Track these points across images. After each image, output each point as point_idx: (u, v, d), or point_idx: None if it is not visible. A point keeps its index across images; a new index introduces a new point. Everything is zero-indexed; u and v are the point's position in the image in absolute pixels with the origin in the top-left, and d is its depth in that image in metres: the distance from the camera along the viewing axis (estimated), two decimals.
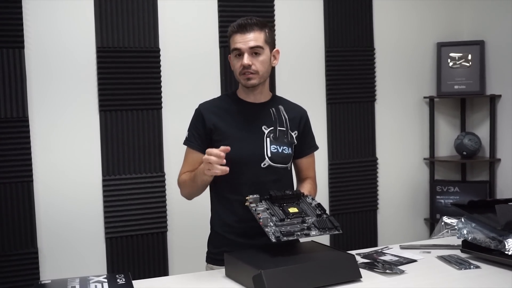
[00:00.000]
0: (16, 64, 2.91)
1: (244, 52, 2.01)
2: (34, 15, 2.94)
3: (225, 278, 1.84)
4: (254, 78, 2.03)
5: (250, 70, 2.01)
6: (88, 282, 1.70)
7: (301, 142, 2.17)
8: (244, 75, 2.03)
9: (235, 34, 2.03)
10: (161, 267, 3.20)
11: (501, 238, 1.88)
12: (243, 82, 2.06)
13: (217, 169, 1.85)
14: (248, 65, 2.01)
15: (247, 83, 2.04)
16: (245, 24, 2.02)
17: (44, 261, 3.00)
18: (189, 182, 2.08)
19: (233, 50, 2.04)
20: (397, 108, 3.73)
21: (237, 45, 2.02)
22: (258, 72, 2.03)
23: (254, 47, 2.01)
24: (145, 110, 3.14)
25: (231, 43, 2.05)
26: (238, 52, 2.03)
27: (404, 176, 3.78)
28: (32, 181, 2.97)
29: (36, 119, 2.97)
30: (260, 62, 2.03)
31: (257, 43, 2.01)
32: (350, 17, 3.56)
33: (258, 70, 2.03)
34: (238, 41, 2.01)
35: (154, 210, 3.17)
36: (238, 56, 2.04)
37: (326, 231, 1.82)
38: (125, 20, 3.09)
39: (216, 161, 1.85)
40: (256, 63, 2.02)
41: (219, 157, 1.85)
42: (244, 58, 2.01)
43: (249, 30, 2.01)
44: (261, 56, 2.03)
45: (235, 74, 2.09)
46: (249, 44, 2.00)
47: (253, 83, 2.04)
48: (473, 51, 3.70)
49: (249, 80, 2.03)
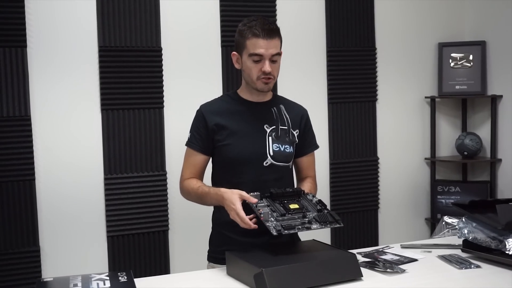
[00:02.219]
0: (18, 63, 2.91)
1: (266, 58, 2.00)
2: (36, 14, 2.95)
3: (226, 277, 1.84)
4: (270, 83, 2.05)
5: (269, 76, 2.02)
6: (90, 280, 1.70)
7: (302, 141, 2.18)
8: (263, 80, 2.02)
9: (259, 39, 1.98)
10: (163, 265, 3.21)
11: (501, 238, 1.88)
12: (259, 86, 2.05)
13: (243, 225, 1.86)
14: (269, 72, 2.01)
15: (264, 88, 2.05)
16: (270, 30, 2.00)
17: (46, 259, 3.01)
18: (195, 197, 2.08)
19: (252, 54, 2.00)
20: (398, 108, 3.74)
21: (259, 51, 1.99)
22: (274, 77, 2.05)
23: (275, 54, 2.01)
24: (147, 109, 3.15)
25: (250, 46, 2.00)
26: (258, 58, 2.00)
27: (405, 175, 3.79)
28: (34, 179, 2.97)
29: (38, 117, 2.98)
30: (277, 68, 2.05)
31: (277, 50, 2.02)
32: (351, 16, 3.56)
33: (275, 75, 2.05)
34: (261, 47, 1.98)
35: (155, 208, 3.18)
36: (256, 62, 2.01)
37: (327, 224, 1.83)
38: (127, 19, 3.09)
39: (241, 225, 1.86)
40: (274, 69, 2.03)
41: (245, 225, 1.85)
42: (266, 65, 1.99)
43: (272, 37, 2.00)
44: (278, 62, 2.05)
45: (248, 77, 2.05)
46: (272, 52, 2.00)
47: (269, 87, 2.06)
48: (475, 51, 3.70)
49: (266, 84, 2.04)
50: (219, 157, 2.11)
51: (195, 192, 2.06)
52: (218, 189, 1.97)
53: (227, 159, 2.08)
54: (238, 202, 1.86)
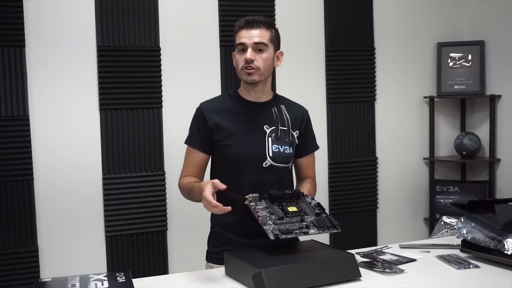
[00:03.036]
0: (17, 62, 2.91)
1: (248, 47, 2.02)
2: (35, 13, 2.94)
3: (225, 277, 1.84)
4: (255, 74, 2.04)
5: (252, 65, 2.02)
6: (88, 280, 1.70)
7: (302, 141, 2.17)
8: (246, 70, 2.03)
9: (241, 29, 2.04)
10: (161, 265, 3.20)
11: (500, 237, 1.88)
12: (244, 77, 2.06)
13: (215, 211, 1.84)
14: (250, 60, 2.01)
15: (247, 79, 2.05)
16: (252, 21, 2.04)
17: (44, 259, 3.01)
18: (186, 194, 2.08)
19: (237, 45, 2.05)
20: (397, 107, 3.74)
21: (241, 40, 2.03)
22: (259, 68, 2.04)
23: (258, 43, 2.03)
24: (146, 109, 3.15)
25: (237, 38, 2.06)
26: (242, 47, 2.04)
27: (404, 175, 3.79)
28: (33, 179, 2.97)
29: (37, 117, 2.98)
30: (263, 60, 2.04)
31: (261, 39, 2.03)
32: (350, 16, 3.56)
33: (260, 66, 2.04)
34: (244, 36, 2.03)
35: (154, 208, 3.18)
36: (242, 51, 2.04)
37: (324, 229, 1.83)
38: (126, 19, 3.09)
39: (211, 210, 1.84)
40: (259, 59, 2.03)
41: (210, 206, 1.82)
42: (247, 53, 2.02)
43: (255, 27, 2.03)
44: (265, 53, 2.04)
45: (237, 70, 2.08)
46: (254, 40, 2.02)
47: (253, 79, 2.04)
48: (473, 51, 3.70)
49: (250, 75, 2.03)
50: (218, 157, 2.11)
51: (186, 188, 2.07)
52: (201, 182, 1.97)
53: (226, 160, 2.07)
54: (208, 188, 1.82)
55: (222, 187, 1.85)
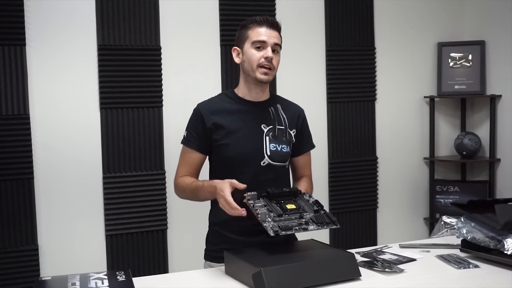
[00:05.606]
0: (17, 61, 2.91)
1: (269, 45, 2.02)
2: (35, 12, 2.95)
3: (224, 276, 1.84)
4: (270, 74, 2.05)
5: (270, 63, 2.03)
6: (88, 279, 1.70)
7: (299, 140, 2.18)
8: (263, 68, 2.03)
9: (260, 27, 2.03)
10: (161, 264, 3.21)
11: (500, 237, 1.88)
12: (259, 75, 2.04)
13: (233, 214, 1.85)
14: (271, 58, 2.02)
15: (263, 77, 2.04)
16: (273, 22, 2.05)
17: (45, 258, 3.01)
18: (189, 193, 2.08)
19: (255, 41, 2.03)
20: (398, 107, 3.74)
21: (261, 38, 2.02)
22: (274, 68, 2.06)
23: (277, 44, 2.04)
24: (146, 108, 3.15)
25: (253, 34, 2.03)
26: (261, 45, 2.02)
27: (404, 175, 3.79)
28: (33, 178, 2.97)
29: (37, 116, 2.98)
30: (277, 61, 2.07)
31: (279, 41, 2.06)
32: (351, 16, 3.56)
33: (275, 67, 2.06)
34: (264, 34, 2.02)
35: (154, 207, 3.18)
36: (258, 49, 2.03)
37: (324, 225, 1.83)
38: (127, 18, 3.09)
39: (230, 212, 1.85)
40: (274, 60, 2.04)
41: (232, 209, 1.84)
42: (268, 51, 2.01)
43: (274, 28, 2.05)
44: (278, 55, 2.07)
45: (249, 65, 2.04)
46: (274, 40, 2.03)
47: (268, 78, 2.05)
48: (474, 51, 3.71)
49: (266, 74, 2.04)
50: (216, 157, 2.11)
51: (189, 187, 2.06)
52: (212, 180, 1.97)
53: (224, 159, 2.08)
54: (228, 189, 1.85)
55: (241, 187, 1.86)
